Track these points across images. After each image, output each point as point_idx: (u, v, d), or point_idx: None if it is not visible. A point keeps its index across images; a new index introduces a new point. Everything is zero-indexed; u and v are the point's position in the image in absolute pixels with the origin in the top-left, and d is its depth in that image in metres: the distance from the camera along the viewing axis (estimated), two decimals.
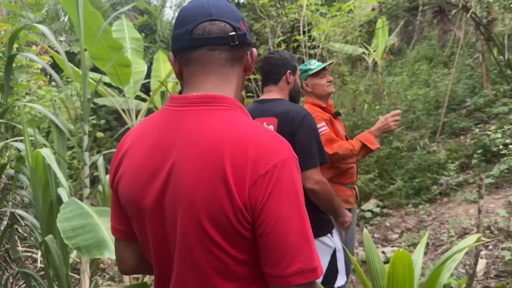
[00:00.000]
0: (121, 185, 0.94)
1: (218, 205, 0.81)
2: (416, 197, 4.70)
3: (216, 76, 0.92)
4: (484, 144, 4.95)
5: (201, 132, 0.86)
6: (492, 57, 6.92)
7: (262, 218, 0.81)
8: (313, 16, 6.11)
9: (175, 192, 0.85)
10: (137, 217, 0.93)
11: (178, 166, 0.85)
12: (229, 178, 0.80)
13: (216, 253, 0.83)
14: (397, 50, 11.37)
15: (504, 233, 3.29)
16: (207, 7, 0.91)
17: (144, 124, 0.96)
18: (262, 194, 0.80)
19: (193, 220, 0.83)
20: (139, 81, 5.44)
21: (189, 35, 0.90)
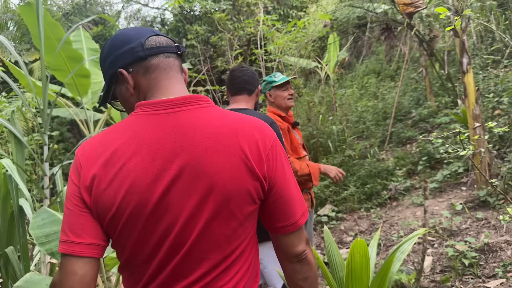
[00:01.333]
0: (109, 195, 0.92)
1: (242, 183, 0.95)
2: (368, 201, 4.99)
3: (178, 81, 1.03)
4: (428, 152, 5.35)
5: (205, 125, 0.96)
6: (435, 71, 7.46)
7: (277, 182, 1.00)
8: (269, 31, 6.35)
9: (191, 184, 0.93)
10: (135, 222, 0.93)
11: (191, 160, 0.93)
12: (249, 156, 0.95)
13: (234, 227, 0.97)
14: (348, 64, 11.92)
15: (447, 232, 3.61)
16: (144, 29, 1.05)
17: (123, 132, 0.96)
18: (273, 164, 0.99)
19: (219, 204, 0.94)
20: (97, 92, 5.42)
21: (142, 46, 1.00)
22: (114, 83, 1.05)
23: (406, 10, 3.48)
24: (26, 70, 3.83)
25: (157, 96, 1.00)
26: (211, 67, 10.08)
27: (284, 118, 2.74)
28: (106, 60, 1.05)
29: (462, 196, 4.31)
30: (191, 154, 0.94)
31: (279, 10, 10.35)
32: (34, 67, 9.68)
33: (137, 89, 1.02)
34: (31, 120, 6.63)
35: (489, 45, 7.80)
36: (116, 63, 1.02)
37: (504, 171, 4.10)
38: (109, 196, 0.93)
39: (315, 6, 8.88)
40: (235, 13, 10.00)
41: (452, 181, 4.69)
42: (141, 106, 0.99)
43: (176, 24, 11.26)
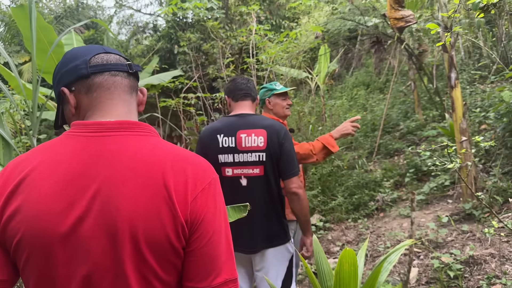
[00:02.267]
0: (16, 221, 0.82)
1: (159, 225, 0.82)
2: (355, 212, 5.02)
3: (123, 103, 0.94)
4: (415, 164, 5.42)
5: (131, 155, 0.86)
6: (423, 85, 7.58)
7: (200, 231, 0.86)
8: (261, 41, 6.40)
9: (103, 219, 0.81)
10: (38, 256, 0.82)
11: (106, 191, 0.83)
12: (172, 195, 0.83)
13: (149, 279, 0.84)
14: (338, 75, 12.04)
15: (433, 244, 3.65)
16: (97, 46, 0.98)
17: (45, 152, 0.88)
18: (201, 209, 0.86)
19: (131, 246, 0.82)
20: None
21: (87, 64, 0.92)
22: (61, 103, 0.98)
23: (397, 25, 3.55)
24: (16, 71, 3.80)
25: (94, 117, 0.92)
26: (202, 74, 10.10)
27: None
28: (55, 79, 0.98)
29: (448, 208, 4.37)
30: (106, 185, 0.83)
31: (271, 20, 10.44)
32: (23, 69, 9.60)
33: (78, 109, 0.95)
34: (20, 122, 6.56)
35: (477, 60, 7.96)
36: (61, 82, 0.95)
37: (490, 185, 4.17)
38: (16, 223, 0.82)
39: (307, 18, 8.99)
40: (228, 21, 10.06)
41: (439, 193, 4.75)
42: (74, 126, 0.92)
43: (168, 31, 11.27)
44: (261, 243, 2.16)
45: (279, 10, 10.51)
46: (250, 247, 2.17)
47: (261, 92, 2.86)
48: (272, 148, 2.11)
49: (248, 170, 2.11)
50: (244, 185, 2.11)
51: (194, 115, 7.57)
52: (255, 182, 2.12)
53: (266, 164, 2.11)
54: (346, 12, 6.70)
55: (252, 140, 2.10)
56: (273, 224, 2.19)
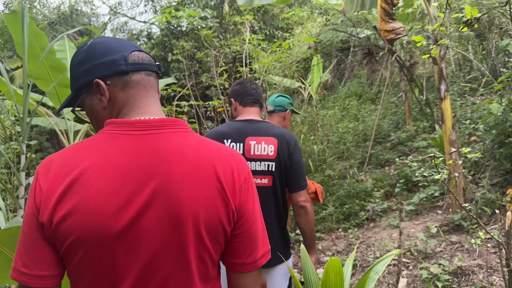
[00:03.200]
0: (72, 220, 0.85)
1: (215, 212, 0.91)
2: (345, 222, 5.03)
3: (155, 101, 0.99)
4: (405, 174, 5.45)
5: (182, 151, 0.92)
6: (414, 97, 7.66)
7: (246, 215, 0.97)
8: (254, 50, 6.44)
9: (165, 212, 0.88)
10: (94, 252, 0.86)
11: (166, 186, 0.88)
12: (224, 185, 0.92)
13: (205, 259, 0.94)
14: (330, 86, 12.13)
15: (422, 254, 3.66)
16: (131, 42, 1.01)
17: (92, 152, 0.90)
18: (245, 196, 0.97)
19: (194, 232, 0.89)
20: None
21: (125, 61, 0.95)
22: (84, 92, 0.99)
23: (387, 37, 3.60)
24: (7, 77, 3.79)
25: (133, 114, 0.96)
26: (195, 82, 10.11)
27: None
28: (81, 66, 0.98)
29: (438, 219, 4.40)
30: (165, 179, 0.89)
31: (265, 30, 10.52)
32: (15, 75, 9.56)
33: (111, 103, 0.97)
34: (9, 128, 6.52)
35: (467, 73, 8.07)
36: (92, 72, 0.96)
37: (478, 196, 4.21)
38: (72, 222, 0.85)
39: (300, 28, 9.06)
40: (222, 31, 10.12)
41: (428, 204, 4.78)
42: (113, 124, 0.93)
43: (162, 39, 11.30)
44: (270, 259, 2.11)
45: (273, 21, 10.60)
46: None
47: (284, 101, 2.78)
48: (282, 158, 2.03)
49: (256, 180, 2.01)
50: None
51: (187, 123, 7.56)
52: (262, 193, 1.99)
53: (275, 174, 2.03)
54: (338, 23, 6.78)
55: (262, 148, 2.02)
56: (277, 239, 2.10)
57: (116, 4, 17.40)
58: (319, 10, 7.87)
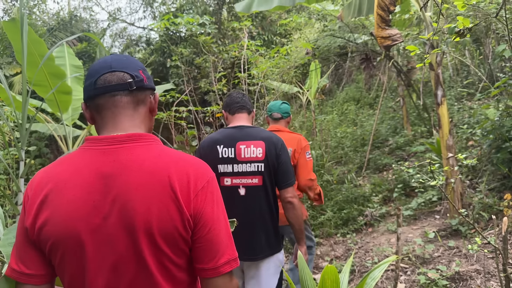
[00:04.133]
0: (49, 226, 0.98)
1: (169, 220, 0.98)
2: (344, 227, 5.04)
3: (126, 118, 1.07)
4: (403, 179, 5.47)
5: (141, 163, 1.01)
6: (412, 101, 7.69)
7: (202, 221, 1.02)
8: (253, 56, 6.47)
9: (122, 219, 0.98)
10: (71, 252, 0.99)
11: (123, 195, 0.98)
12: (178, 194, 0.99)
13: (165, 263, 1.01)
14: (328, 90, 12.17)
15: (420, 259, 3.67)
16: (109, 61, 1.08)
17: (67, 165, 1.04)
18: (202, 203, 1.02)
19: (148, 239, 0.98)
20: (78, 108, 5.40)
21: (93, 86, 1.06)
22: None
23: (383, 43, 3.63)
24: (6, 83, 3.80)
25: (104, 132, 1.07)
26: (194, 88, 10.14)
27: None
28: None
29: (436, 224, 4.41)
30: (123, 189, 0.99)
31: (263, 35, 10.56)
32: (14, 81, 9.58)
33: (92, 122, 1.11)
34: (8, 134, 6.54)
35: (465, 78, 8.11)
36: (84, 94, 1.11)
37: (476, 201, 4.22)
38: (49, 227, 0.98)
39: (299, 34, 9.10)
40: (220, 36, 10.16)
41: (426, 209, 4.79)
42: (88, 140, 1.08)
43: (161, 44, 11.34)
44: (260, 252, 2.24)
45: (271, 26, 10.65)
46: (250, 255, 2.23)
47: (288, 107, 3.18)
48: (270, 159, 2.21)
49: (247, 180, 2.21)
50: (242, 194, 2.20)
51: (185, 129, 7.58)
52: (253, 192, 2.21)
53: (264, 174, 2.21)
54: (336, 29, 6.82)
55: (251, 151, 2.21)
56: (270, 232, 2.29)
57: (115, 10, 17.47)
58: (316, 16, 7.92)
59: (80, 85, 5.70)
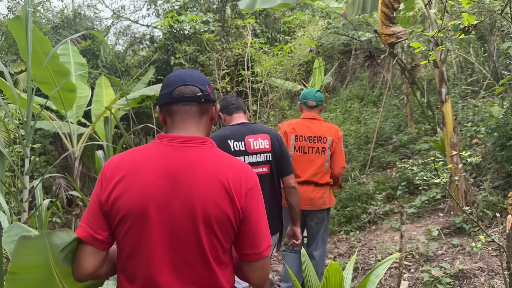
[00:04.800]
0: (122, 201, 1.19)
1: (223, 210, 1.20)
2: (347, 224, 5.04)
3: (193, 124, 1.29)
4: (407, 177, 5.46)
5: (204, 162, 1.24)
6: (415, 99, 7.67)
7: (250, 215, 1.24)
8: (256, 53, 6.47)
9: (186, 203, 1.19)
10: (138, 223, 1.19)
11: (188, 185, 1.20)
12: (232, 191, 1.21)
13: (215, 245, 1.22)
14: (332, 88, 12.13)
15: (423, 257, 3.67)
16: (183, 76, 1.31)
17: (142, 154, 1.26)
18: (250, 201, 1.25)
19: (204, 223, 1.19)
20: (82, 106, 5.43)
21: (170, 95, 1.29)
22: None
23: (388, 40, 3.62)
24: (11, 81, 3.83)
25: (174, 132, 1.30)
26: None
27: None
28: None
29: (439, 222, 4.40)
30: (188, 180, 1.20)
31: (267, 33, 10.54)
32: (19, 78, 9.61)
33: (164, 123, 1.34)
34: (13, 131, 6.57)
35: (469, 75, 8.07)
36: (158, 101, 1.35)
37: (480, 199, 4.21)
38: (122, 202, 1.18)
39: (302, 31, 9.08)
40: (224, 34, 10.13)
41: (430, 207, 4.79)
42: (160, 137, 1.30)
43: (165, 42, 11.33)
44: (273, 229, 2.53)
45: (275, 24, 10.62)
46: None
47: (322, 96, 3.36)
48: (276, 149, 2.53)
49: (258, 169, 2.47)
50: None
51: None
52: (263, 179, 2.37)
53: (271, 163, 2.51)
54: (340, 26, 6.80)
55: (260, 143, 2.49)
56: (275, 215, 2.62)
57: (119, 8, 17.48)
58: (320, 13, 7.90)
59: (84, 82, 5.72)
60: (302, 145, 3.18)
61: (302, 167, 3.15)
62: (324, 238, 3.36)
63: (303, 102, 3.34)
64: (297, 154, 3.17)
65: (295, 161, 3.12)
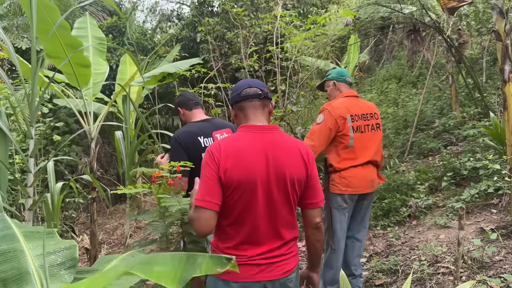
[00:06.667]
0: (235, 174, 1.61)
1: (301, 172, 1.70)
2: (385, 218, 4.54)
3: (260, 114, 1.76)
4: (453, 166, 4.88)
5: (283, 141, 1.72)
6: (462, 80, 6.97)
7: (313, 175, 1.74)
8: (286, 28, 5.94)
9: (278, 172, 1.65)
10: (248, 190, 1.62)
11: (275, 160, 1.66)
12: (305, 159, 1.72)
13: (296, 199, 1.72)
14: (367, 68, 11.43)
15: (477, 263, 3.15)
16: (248, 81, 1.80)
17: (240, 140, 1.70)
18: (312, 166, 1.76)
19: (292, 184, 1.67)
20: (100, 83, 5.07)
21: (239, 95, 1.76)
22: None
23: (447, 5, 3.05)
24: (14, 51, 3.49)
25: (250, 122, 1.75)
26: (225, 64, 9.68)
27: None
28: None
29: (493, 220, 3.84)
30: (275, 155, 1.66)
31: (298, 8, 9.92)
32: None
33: (237, 117, 1.81)
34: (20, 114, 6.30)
35: None
36: (231, 101, 1.82)
37: None
38: (235, 176, 1.60)
39: (336, 7, 8.43)
40: (253, 9, 9.59)
41: (481, 201, 4.22)
42: (244, 127, 1.74)
43: (192, 19, 10.91)
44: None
45: None
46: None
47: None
48: None
49: None
50: None
51: (213, 107, 7.19)
52: None
53: None
54: None
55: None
56: None
57: None
58: None
59: (102, 58, 5.36)
60: (359, 124, 2.86)
61: (362, 147, 2.84)
62: (368, 218, 3.08)
63: (341, 80, 3.04)
64: (356, 135, 2.83)
65: (356, 143, 2.82)
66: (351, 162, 2.80)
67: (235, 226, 1.64)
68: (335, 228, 2.84)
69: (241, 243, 1.64)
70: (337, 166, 2.82)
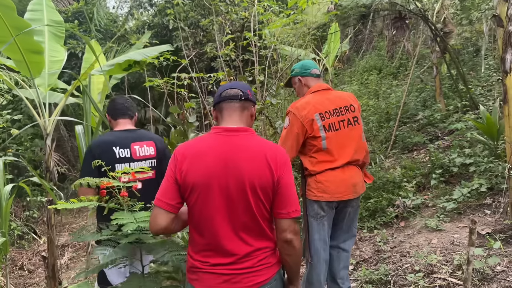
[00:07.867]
0: (192, 177, 1.59)
1: (265, 179, 1.58)
2: (371, 219, 4.22)
3: (236, 117, 1.72)
4: (442, 163, 4.59)
5: (248, 145, 1.65)
6: (447, 71, 6.72)
7: (283, 182, 1.61)
8: (265, 14, 5.51)
9: (237, 177, 1.58)
10: (204, 193, 1.59)
11: (236, 164, 1.59)
12: (271, 165, 1.60)
13: (261, 207, 1.60)
14: (346, 58, 11.12)
15: (477, 274, 2.84)
16: (231, 83, 1.79)
17: (203, 142, 1.67)
18: (282, 172, 1.62)
19: (251, 190, 1.58)
20: (56, 73, 4.54)
21: (219, 96, 1.75)
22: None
23: None
24: None
25: (224, 124, 1.72)
26: (200, 53, 9.18)
27: None
28: None
29: (487, 222, 3.56)
30: (236, 160, 1.60)
31: None
32: None
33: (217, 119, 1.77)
34: None
35: None
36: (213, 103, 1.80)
37: None
38: (192, 178, 1.59)
39: None
40: None
41: (473, 201, 3.94)
42: (213, 129, 1.72)
43: (165, 5, 10.34)
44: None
45: None
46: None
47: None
48: (161, 154, 2.61)
49: (144, 175, 2.50)
50: (139, 188, 2.34)
51: (186, 99, 6.72)
52: (148, 185, 2.47)
53: (157, 168, 2.58)
54: None
55: (145, 150, 2.56)
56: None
57: None
58: None
59: (60, 44, 4.81)
60: (331, 121, 2.45)
61: (338, 146, 2.45)
62: (356, 226, 2.69)
63: (306, 74, 2.66)
64: (330, 134, 2.43)
65: (330, 143, 2.43)
66: (328, 164, 2.44)
67: (197, 229, 1.64)
68: (313, 238, 2.48)
69: (203, 249, 1.63)
70: (312, 169, 2.45)
